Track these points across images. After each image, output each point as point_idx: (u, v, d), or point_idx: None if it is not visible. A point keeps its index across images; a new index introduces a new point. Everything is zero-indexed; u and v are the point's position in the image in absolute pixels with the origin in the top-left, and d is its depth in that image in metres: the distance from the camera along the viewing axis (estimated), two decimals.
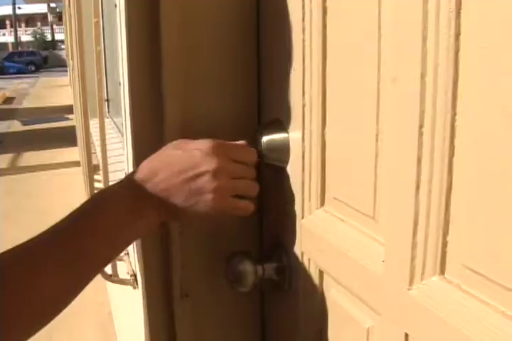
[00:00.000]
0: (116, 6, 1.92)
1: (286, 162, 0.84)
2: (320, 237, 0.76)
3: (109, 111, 5.52)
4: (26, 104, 16.58)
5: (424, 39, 0.52)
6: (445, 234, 0.54)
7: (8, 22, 69.37)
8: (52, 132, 10.65)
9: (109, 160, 2.88)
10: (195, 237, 0.95)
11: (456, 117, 0.51)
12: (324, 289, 0.79)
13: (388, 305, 0.62)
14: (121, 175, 1.93)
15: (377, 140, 0.63)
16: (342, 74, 0.70)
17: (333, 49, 0.71)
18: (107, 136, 2.87)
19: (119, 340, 3.11)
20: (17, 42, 57.17)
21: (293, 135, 0.82)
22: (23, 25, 71.29)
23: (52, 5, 45.19)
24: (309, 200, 0.80)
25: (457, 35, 0.50)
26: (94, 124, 3.16)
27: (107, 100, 5.75)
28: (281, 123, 0.84)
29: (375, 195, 0.65)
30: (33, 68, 36.22)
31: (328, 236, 0.74)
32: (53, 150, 8.68)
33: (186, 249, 0.95)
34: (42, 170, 7.59)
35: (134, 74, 0.97)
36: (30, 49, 50.10)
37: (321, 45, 0.73)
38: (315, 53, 0.74)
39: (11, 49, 56.48)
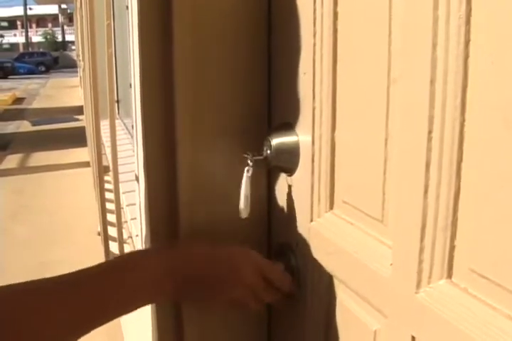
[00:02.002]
0: (127, 7, 1.93)
1: (296, 165, 0.85)
2: (328, 240, 0.77)
3: (119, 113, 5.55)
4: (36, 104, 16.64)
5: (434, 45, 0.53)
6: (453, 238, 0.54)
7: (19, 23, 69.66)
8: (61, 133, 10.68)
9: (119, 161, 2.90)
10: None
11: (465, 123, 0.51)
12: (332, 292, 0.80)
13: (395, 308, 0.62)
14: (131, 177, 1.94)
15: (386, 144, 0.64)
16: (352, 79, 0.71)
17: (344, 53, 0.72)
18: (116, 137, 2.89)
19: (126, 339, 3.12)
20: (28, 43, 57.38)
21: (303, 138, 0.83)
22: (34, 26, 71.61)
23: (64, 6, 45.29)
24: (318, 203, 0.80)
25: (467, 42, 0.50)
26: (104, 125, 3.18)
27: (117, 101, 5.78)
28: (291, 127, 0.85)
29: (384, 198, 0.66)
30: (43, 69, 36.34)
31: (337, 239, 0.75)
32: (62, 150, 8.70)
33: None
34: (51, 171, 7.61)
35: (146, 76, 0.98)
36: (41, 50, 50.29)
37: (332, 49, 0.73)
38: (325, 57, 0.75)
39: (21, 49, 56.69)
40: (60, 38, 60.61)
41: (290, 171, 0.86)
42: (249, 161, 0.86)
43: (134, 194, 1.46)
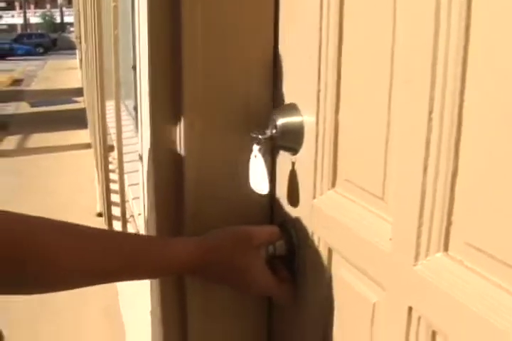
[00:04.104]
0: None
1: (300, 144, 0.87)
2: (330, 217, 0.80)
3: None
4: (34, 86, 16.60)
5: (437, 31, 0.55)
6: (450, 214, 0.57)
7: (17, 3, 69.12)
8: (60, 114, 10.68)
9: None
10: (206, 222, 0.98)
11: (464, 104, 0.54)
12: (332, 267, 0.83)
13: (394, 281, 0.65)
14: (133, 157, 1.96)
15: (388, 125, 0.67)
16: (356, 62, 0.73)
17: (349, 38, 0.74)
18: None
19: (125, 322, 3.15)
20: (26, 24, 57.02)
21: (307, 119, 0.85)
22: (32, 7, 71.00)
23: None
24: (321, 181, 0.83)
25: (467, 26, 0.53)
26: (107, 106, 3.19)
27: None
28: (296, 108, 0.87)
29: (385, 176, 0.68)
30: (41, 50, 36.18)
31: (339, 216, 0.78)
32: (61, 132, 8.70)
33: (196, 225, 0.99)
34: (49, 152, 7.63)
35: (154, 58, 0.99)
36: (39, 31, 49.99)
37: (338, 34, 0.75)
38: (331, 42, 0.77)
39: (19, 31, 56.33)
40: (58, 20, 60.21)
41: (294, 150, 0.89)
42: (259, 140, 0.89)
43: (134, 174, 1.48)
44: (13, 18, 70.53)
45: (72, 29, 35.85)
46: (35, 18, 66.05)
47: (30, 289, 0.79)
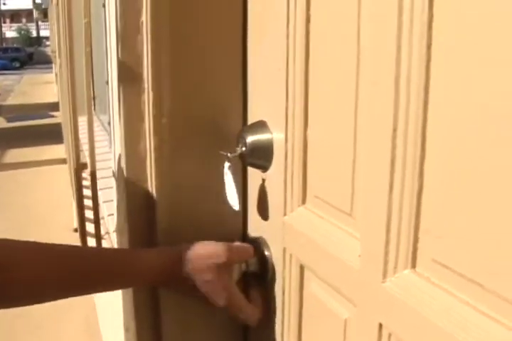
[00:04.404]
0: (103, 5, 1.93)
1: (270, 162, 0.87)
2: (301, 233, 0.80)
3: (95, 109, 5.53)
4: (11, 100, 16.49)
5: (399, 48, 0.56)
6: (416, 230, 0.58)
7: None
8: (36, 129, 10.60)
9: (96, 158, 2.90)
10: (178, 240, 0.97)
11: (427, 123, 0.55)
12: (304, 283, 0.83)
13: (364, 297, 0.66)
14: (108, 173, 1.95)
15: (355, 142, 0.67)
16: (323, 79, 0.74)
17: (316, 54, 0.75)
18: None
19: (103, 334, 3.13)
20: (1, 39, 56.73)
21: (276, 136, 0.86)
22: (7, 21, 70.72)
23: (38, 1, 44.93)
24: (291, 198, 0.83)
25: (429, 45, 0.53)
26: (81, 122, 3.17)
27: (94, 98, 5.76)
28: (266, 125, 0.88)
29: (353, 193, 0.69)
30: (17, 65, 35.87)
31: (309, 233, 0.78)
32: (38, 147, 8.64)
33: (169, 242, 0.98)
34: (27, 168, 7.56)
35: (123, 74, 0.99)
36: (15, 45, 49.71)
37: (304, 50, 0.76)
38: (298, 58, 0.78)
39: None
40: (34, 34, 59.98)
41: (264, 167, 0.89)
42: (228, 157, 0.90)
43: (109, 190, 1.47)
44: None
45: (48, 43, 35.73)
46: (10, 32, 65.74)
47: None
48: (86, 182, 3.16)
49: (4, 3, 63.74)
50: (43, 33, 53.58)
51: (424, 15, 0.53)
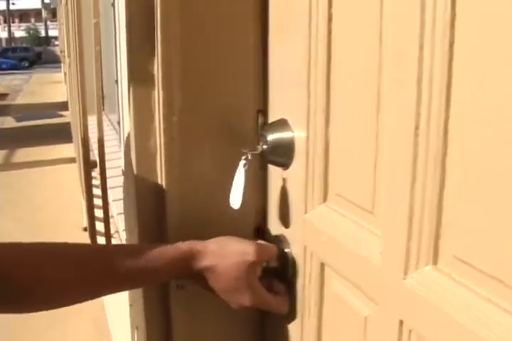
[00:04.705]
0: (113, 5, 1.93)
1: (291, 160, 0.88)
2: (322, 231, 0.81)
3: (104, 108, 5.53)
4: (20, 100, 16.52)
5: (421, 47, 0.57)
6: (438, 227, 0.58)
7: (1, 17, 68.84)
8: (45, 128, 10.61)
9: (105, 157, 2.89)
10: (195, 232, 0.98)
11: (449, 120, 0.55)
12: (325, 281, 0.84)
13: (385, 294, 0.66)
14: (117, 172, 1.94)
15: (376, 140, 0.68)
16: (345, 77, 0.74)
17: (338, 53, 0.76)
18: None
19: (113, 334, 3.13)
20: (10, 38, 56.86)
21: (298, 134, 0.86)
22: (16, 20, 70.81)
23: (47, 1, 44.98)
24: (312, 196, 0.84)
25: (451, 43, 0.54)
26: (90, 121, 3.17)
27: (102, 97, 5.76)
28: (287, 123, 0.88)
29: (374, 191, 0.69)
30: (26, 64, 35.93)
31: (330, 230, 0.79)
32: (47, 146, 8.65)
33: (179, 240, 0.96)
34: (35, 167, 7.58)
35: (134, 72, 1.00)
36: (24, 45, 49.76)
37: (326, 49, 0.77)
38: (320, 57, 0.78)
39: (4, 45, 56.12)
40: (43, 33, 60.05)
41: (285, 165, 0.90)
42: (247, 156, 0.90)
43: (119, 189, 1.46)
44: None
45: (56, 42, 35.76)
46: (19, 32, 65.79)
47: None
48: (95, 181, 3.17)
49: (13, 3, 63.86)
50: (52, 33, 53.64)
51: (447, 14, 0.54)
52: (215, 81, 0.98)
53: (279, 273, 0.93)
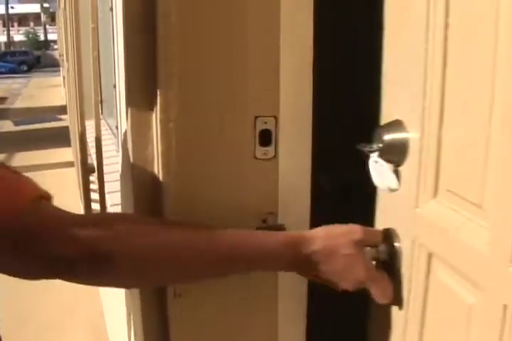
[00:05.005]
0: (111, 9, 1.88)
1: (404, 157, 0.93)
2: (432, 224, 0.86)
3: (102, 113, 5.46)
4: (19, 104, 16.51)
5: None
6: None
7: (0, 21, 69.08)
8: (44, 132, 10.59)
9: (103, 162, 2.85)
10: None
11: None
12: (431, 270, 0.88)
13: (490, 281, 0.72)
14: (115, 177, 1.92)
15: (488, 139, 0.72)
16: (460, 82, 0.79)
17: (453, 58, 0.80)
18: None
19: (110, 337, 3.07)
20: (9, 42, 57.00)
21: (412, 135, 0.91)
22: (15, 24, 71.06)
23: (46, 5, 45.19)
24: (424, 192, 0.88)
25: None
26: (88, 125, 3.13)
27: (101, 102, 5.69)
28: (402, 124, 0.93)
29: (484, 187, 0.74)
30: (25, 68, 35.90)
31: (440, 223, 0.84)
32: (45, 150, 8.62)
33: None
34: (34, 171, 7.49)
35: (131, 78, 1.03)
36: (23, 49, 49.84)
37: (442, 54, 0.81)
38: (436, 63, 0.82)
39: (3, 48, 56.24)
40: (42, 37, 60.20)
41: (398, 162, 0.94)
42: (372, 150, 0.95)
43: (117, 194, 1.48)
44: None
45: (55, 46, 35.84)
46: (18, 35, 65.95)
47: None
48: (94, 186, 3.12)
49: (12, 7, 64.06)
50: (51, 37, 53.76)
51: None
52: (212, 86, 1.01)
53: (386, 264, 0.96)
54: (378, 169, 0.97)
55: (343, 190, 1.78)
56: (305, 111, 1.11)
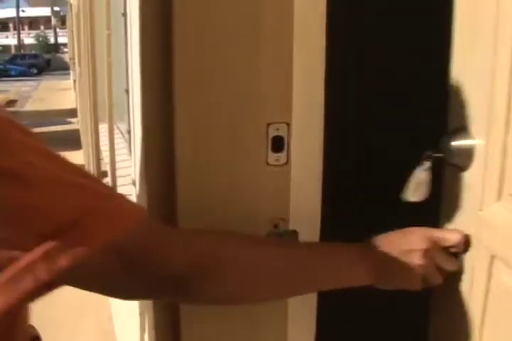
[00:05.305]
0: (123, 14, 1.89)
1: (470, 163, 0.95)
2: (495, 226, 0.89)
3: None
4: (29, 106, 16.57)
5: None
6: None
7: (11, 24, 69.42)
8: (54, 135, 10.59)
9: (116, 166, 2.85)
10: None
11: None
12: (493, 273, 0.91)
13: None
14: (127, 181, 1.93)
15: None
16: None
17: None
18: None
19: None
20: (20, 45, 57.24)
21: (478, 141, 0.93)
22: (26, 28, 71.38)
23: (56, 8, 45.30)
24: (488, 195, 0.91)
25: None
26: (100, 129, 3.11)
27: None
28: (468, 130, 0.95)
29: None
30: (35, 71, 36.10)
31: (503, 225, 0.87)
32: None
33: None
34: None
35: (146, 82, 1.04)
36: (33, 52, 50.02)
37: (509, 64, 0.83)
38: (504, 73, 0.85)
39: (13, 51, 56.49)
40: (52, 40, 60.39)
41: (462, 167, 0.97)
42: (431, 157, 0.98)
43: (129, 198, 1.47)
44: (8, 39, 70.52)
45: (65, 49, 35.95)
46: (29, 39, 66.19)
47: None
48: None
49: (23, 10, 64.27)
50: (61, 40, 53.91)
51: None
52: (226, 94, 1.02)
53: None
54: (420, 178, 1.00)
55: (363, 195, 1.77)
56: (317, 117, 1.12)
